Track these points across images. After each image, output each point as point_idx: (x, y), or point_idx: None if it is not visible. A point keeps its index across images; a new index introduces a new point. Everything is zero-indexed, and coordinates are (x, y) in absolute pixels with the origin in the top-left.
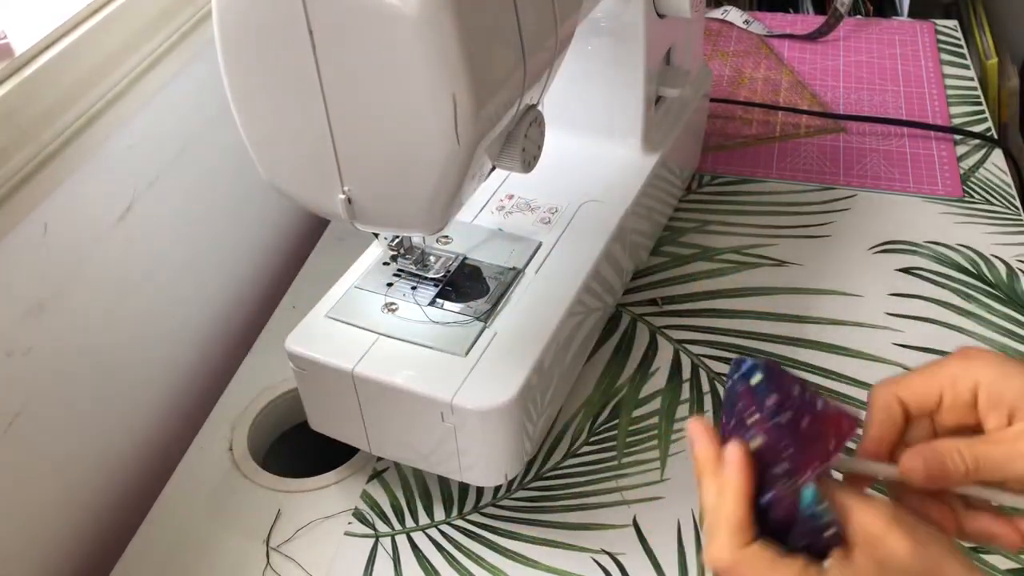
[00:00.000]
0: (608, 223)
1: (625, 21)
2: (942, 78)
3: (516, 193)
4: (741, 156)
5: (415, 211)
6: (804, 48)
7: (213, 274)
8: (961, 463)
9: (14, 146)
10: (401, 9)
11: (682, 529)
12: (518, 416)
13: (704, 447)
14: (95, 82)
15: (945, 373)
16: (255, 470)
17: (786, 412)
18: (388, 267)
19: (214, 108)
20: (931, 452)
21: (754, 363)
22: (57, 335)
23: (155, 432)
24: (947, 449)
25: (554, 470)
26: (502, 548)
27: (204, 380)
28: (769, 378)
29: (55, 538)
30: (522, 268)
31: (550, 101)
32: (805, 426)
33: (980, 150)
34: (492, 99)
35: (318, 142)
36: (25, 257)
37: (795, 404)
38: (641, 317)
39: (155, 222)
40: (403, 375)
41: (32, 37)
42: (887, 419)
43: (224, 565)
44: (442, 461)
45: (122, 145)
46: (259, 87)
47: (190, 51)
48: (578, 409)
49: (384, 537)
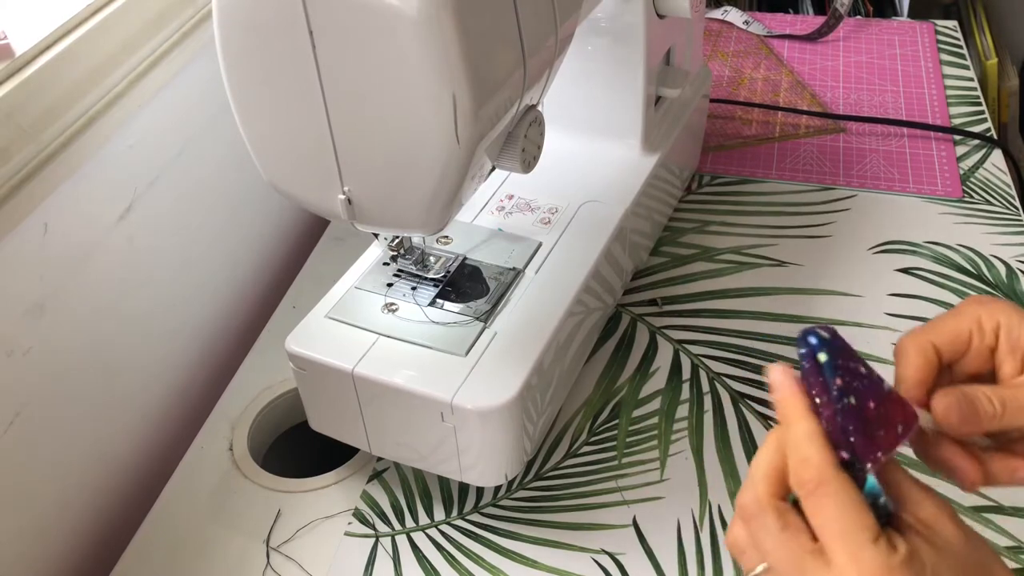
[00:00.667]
0: (608, 223)
1: (625, 21)
2: (942, 78)
3: (516, 193)
4: (741, 156)
5: (415, 211)
6: (804, 48)
7: (213, 274)
8: (990, 406)
9: (14, 146)
10: (401, 9)
11: (682, 529)
12: (518, 416)
13: (792, 389)
14: (95, 82)
15: (971, 314)
16: (255, 470)
17: (851, 395)
18: (388, 267)
19: (214, 108)
20: (962, 395)
21: (820, 340)
22: (57, 335)
23: (155, 432)
24: (975, 393)
25: (554, 470)
26: (502, 548)
27: (204, 380)
28: (835, 356)
29: (55, 538)
30: (522, 268)
31: (550, 101)
32: (871, 411)
33: (980, 150)
34: (492, 99)
35: (318, 142)
36: (25, 257)
37: (862, 387)
38: (641, 317)
39: (155, 222)
40: (403, 375)
41: (32, 37)
42: (925, 364)
43: (224, 565)
44: (442, 461)
45: (122, 145)
46: (259, 87)
47: (190, 51)
48: (578, 409)
49: (384, 537)
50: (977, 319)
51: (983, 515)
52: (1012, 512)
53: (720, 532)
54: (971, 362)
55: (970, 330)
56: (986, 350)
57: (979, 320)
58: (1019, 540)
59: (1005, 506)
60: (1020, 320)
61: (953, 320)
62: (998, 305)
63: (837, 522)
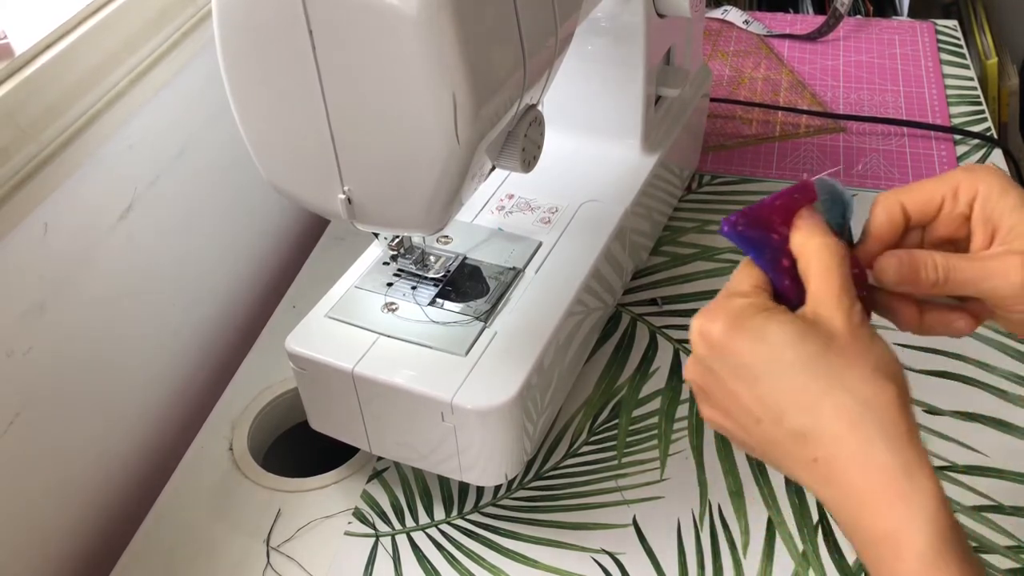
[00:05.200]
0: (608, 223)
1: (625, 21)
2: (942, 78)
3: (516, 193)
4: (741, 156)
5: (415, 211)
6: (804, 48)
7: (213, 273)
8: (933, 273)
9: (14, 146)
10: (401, 9)
11: (682, 529)
12: (518, 416)
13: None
14: (95, 82)
15: (949, 181)
16: (255, 470)
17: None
18: (388, 267)
19: (214, 108)
20: (908, 257)
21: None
22: (57, 335)
23: (155, 432)
24: (923, 258)
25: (554, 470)
26: (502, 548)
27: (204, 380)
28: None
29: (55, 538)
30: (522, 268)
31: (550, 101)
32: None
33: (980, 150)
34: (492, 99)
35: (318, 142)
36: (25, 257)
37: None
38: (641, 317)
39: (155, 222)
40: (403, 375)
41: (32, 37)
42: (887, 222)
43: (224, 565)
44: (442, 461)
45: (122, 144)
46: (259, 87)
47: (190, 51)
48: (578, 409)
49: (384, 537)
50: (955, 186)
51: (983, 515)
52: (1012, 512)
53: (720, 532)
54: (942, 227)
55: (943, 196)
56: (959, 217)
57: (957, 187)
58: (1019, 540)
59: (1005, 506)
60: (1001, 191)
61: (931, 184)
62: (982, 174)
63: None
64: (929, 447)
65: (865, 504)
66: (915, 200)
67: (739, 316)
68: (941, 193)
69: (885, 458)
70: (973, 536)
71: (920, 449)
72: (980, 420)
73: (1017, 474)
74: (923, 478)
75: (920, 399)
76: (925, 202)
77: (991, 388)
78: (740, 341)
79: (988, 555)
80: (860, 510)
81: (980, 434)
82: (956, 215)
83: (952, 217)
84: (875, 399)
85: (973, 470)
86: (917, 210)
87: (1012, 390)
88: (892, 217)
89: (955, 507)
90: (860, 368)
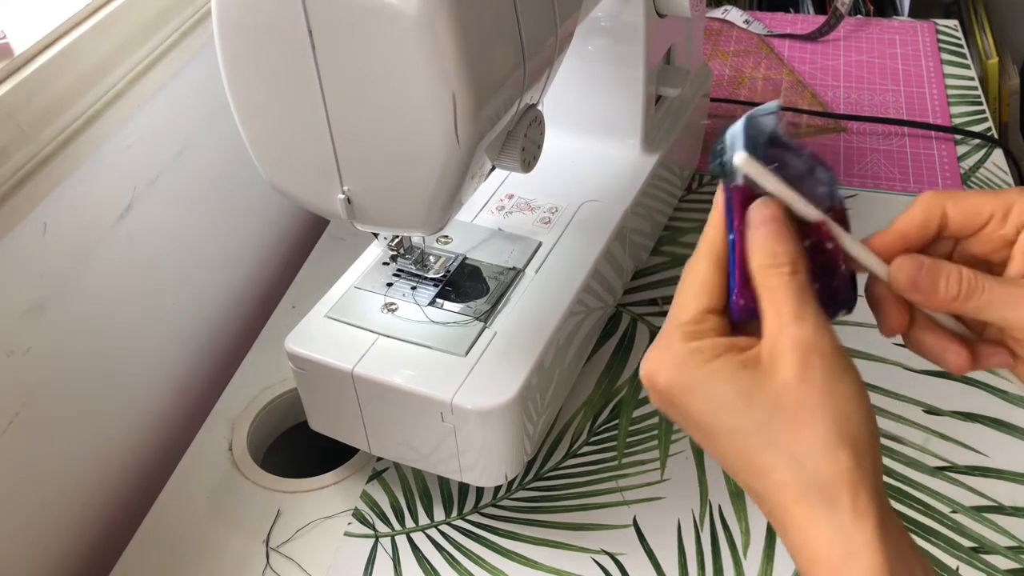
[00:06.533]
0: (608, 223)
1: (625, 21)
2: (942, 78)
3: (516, 193)
4: None
5: (415, 211)
6: (804, 48)
7: (213, 274)
8: (955, 287)
9: (14, 146)
10: (401, 9)
11: (682, 529)
12: (518, 416)
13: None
14: (94, 81)
15: (1004, 199)
16: (255, 470)
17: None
18: (388, 267)
19: (214, 107)
20: (932, 264)
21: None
22: (57, 335)
23: (155, 432)
24: (947, 269)
25: (554, 470)
26: (502, 548)
27: (204, 380)
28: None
29: (55, 538)
30: (522, 268)
31: (550, 101)
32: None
33: (980, 150)
34: (492, 99)
35: (318, 142)
36: (25, 257)
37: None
38: (641, 317)
39: (155, 222)
40: (403, 375)
41: (32, 37)
42: (918, 220)
43: (224, 565)
44: (442, 461)
45: (121, 144)
46: (258, 87)
47: (190, 51)
48: (578, 409)
49: (384, 537)
50: (1008, 206)
51: (983, 515)
52: (1012, 512)
53: (721, 532)
54: (980, 245)
55: (992, 212)
56: (1001, 239)
57: (1010, 207)
58: (1019, 540)
59: (1005, 506)
60: None
61: (981, 197)
62: None
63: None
64: (929, 447)
65: (811, 569)
66: (961, 209)
67: (682, 366)
68: (991, 209)
69: (828, 536)
70: (973, 536)
71: (870, 522)
72: (980, 420)
73: (1017, 474)
74: (867, 554)
75: (920, 399)
76: (971, 214)
77: (991, 388)
78: (686, 397)
79: (988, 555)
80: (809, 568)
81: (980, 434)
82: (999, 236)
83: (994, 237)
84: (825, 472)
85: (973, 470)
86: (959, 220)
87: (1012, 390)
88: (928, 218)
89: (955, 507)
90: (810, 433)
